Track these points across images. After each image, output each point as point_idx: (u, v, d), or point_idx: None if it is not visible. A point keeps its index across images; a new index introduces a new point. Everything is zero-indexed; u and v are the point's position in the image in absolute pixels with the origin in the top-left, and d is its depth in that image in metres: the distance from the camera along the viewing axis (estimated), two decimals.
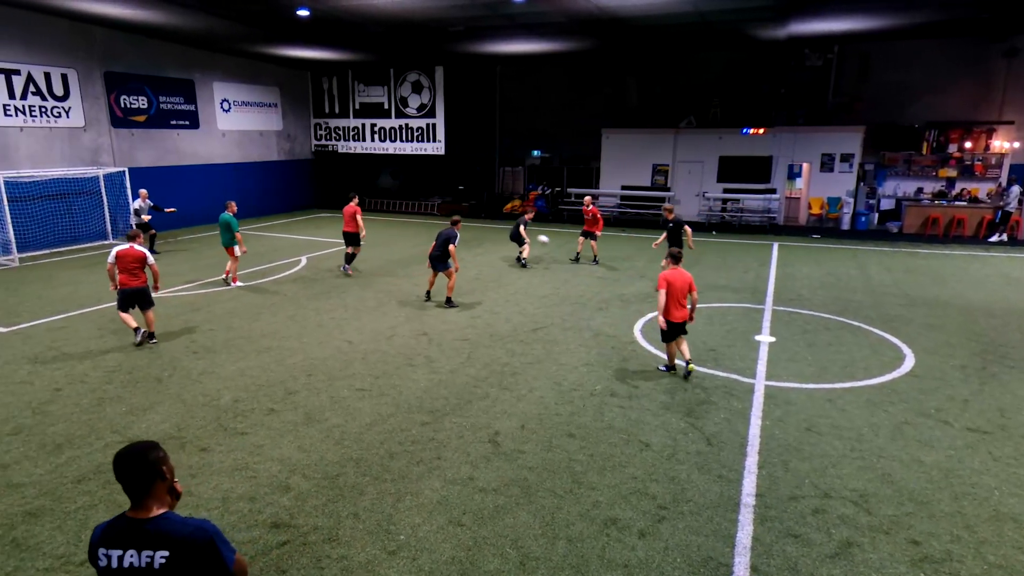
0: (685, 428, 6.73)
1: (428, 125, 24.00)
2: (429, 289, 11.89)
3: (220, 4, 14.87)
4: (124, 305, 9.24)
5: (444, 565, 4.61)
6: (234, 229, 12.69)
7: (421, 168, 26.52)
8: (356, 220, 13.98)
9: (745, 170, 21.35)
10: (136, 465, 2.43)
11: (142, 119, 19.38)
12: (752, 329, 10.12)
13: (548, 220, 22.61)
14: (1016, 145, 19.00)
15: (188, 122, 20.85)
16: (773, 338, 9.67)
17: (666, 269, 7.89)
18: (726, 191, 21.58)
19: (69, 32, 17.12)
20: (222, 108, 22.06)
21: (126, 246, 9.17)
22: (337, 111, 25.65)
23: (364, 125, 25.24)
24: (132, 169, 18.48)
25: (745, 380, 8.03)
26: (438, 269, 11.50)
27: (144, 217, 16.00)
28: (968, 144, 19.46)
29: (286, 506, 5.33)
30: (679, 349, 8.01)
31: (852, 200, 20.51)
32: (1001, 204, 18.48)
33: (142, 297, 9.28)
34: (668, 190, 22.34)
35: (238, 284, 13.01)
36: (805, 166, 20.98)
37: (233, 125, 22.61)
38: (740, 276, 13.93)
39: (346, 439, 6.50)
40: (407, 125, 24.38)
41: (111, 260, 9.12)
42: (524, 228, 14.80)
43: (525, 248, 14.84)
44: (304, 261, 15.63)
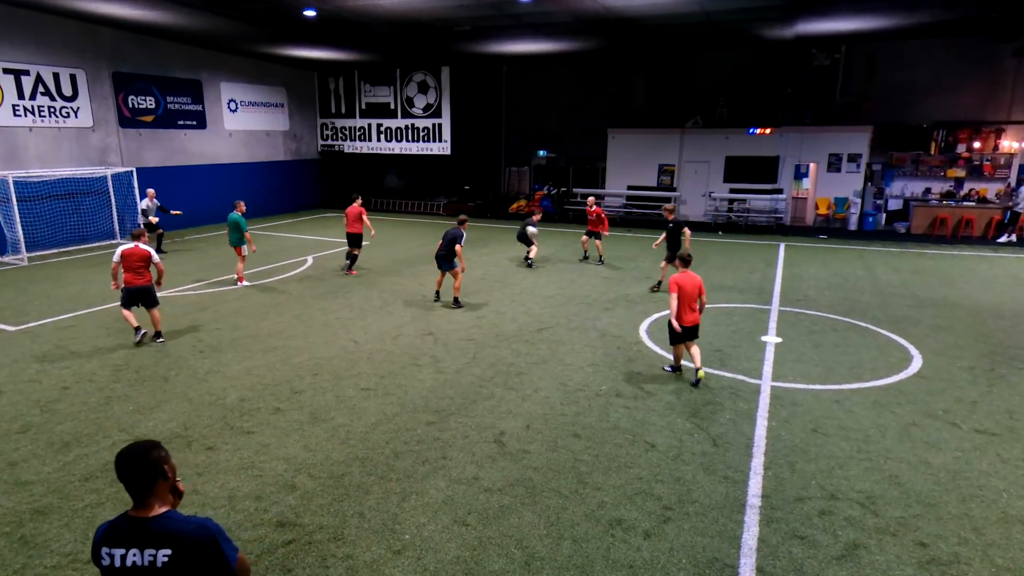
0: (691, 429, 6.71)
1: (434, 125, 24.03)
2: (438, 289, 11.88)
3: (227, 4, 14.94)
4: (128, 303, 9.29)
5: (449, 565, 4.61)
6: (243, 229, 12.75)
7: (427, 168, 26.56)
8: (362, 221, 14.01)
9: (752, 170, 21.29)
10: (137, 464, 2.45)
11: (150, 119, 19.48)
12: (758, 330, 10.09)
13: (554, 220, 22.59)
14: None
15: (195, 122, 20.95)
16: (779, 339, 9.63)
17: (676, 272, 7.87)
18: (732, 191, 21.51)
19: (78, 33, 17.23)
20: (229, 108, 22.15)
21: (131, 245, 9.21)
22: (343, 111, 25.71)
23: (370, 125, 25.29)
24: (140, 169, 18.61)
25: (751, 381, 8.00)
26: (444, 269, 11.48)
27: (152, 219, 16.09)
28: (977, 144, 19.34)
29: (292, 505, 5.34)
30: (690, 355, 7.95)
31: (859, 200, 20.42)
32: (1010, 204, 18.37)
33: (147, 296, 9.33)
34: (674, 190, 22.31)
35: (244, 284, 13.06)
36: (812, 166, 20.91)
37: (240, 125, 22.70)
38: (746, 276, 13.89)
39: (352, 438, 6.51)
40: (413, 125, 24.42)
41: (116, 259, 9.20)
42: (532, 229, 14.81)
43: (532, 249, 14.84)
44: (310, 261, 15.67)
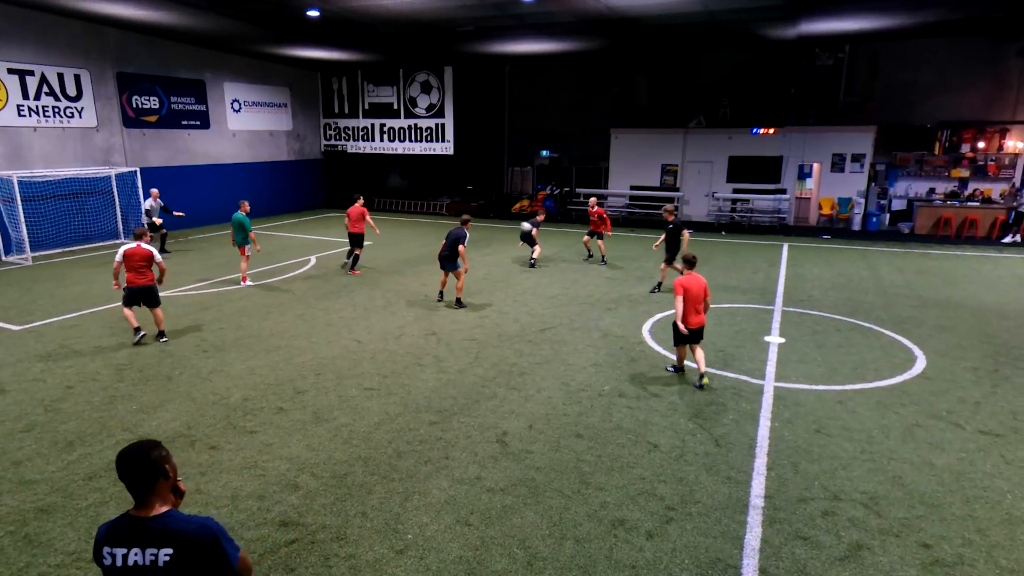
0: (693, 429, 6.71)
1: (437, 125, 24.04)
2: (442, 289, 11.88)
3: (231, 5, 14.98)
4: (129, 302, 9.31)
5: (451, 564, 4.61)
6: (247, 228, 12.79)
7: (430, 168, 26.58)
8: (366, 221, 14.04)
9: (755, 170, 21.26)
10: (138, 464, 2.45)
11: (154, 119, 19.53)
12: (761, 330, 10.07)
13: (557, 220, 22.58)
14: None
15: (199, 122, 21.00)
16: (783, 339, 9.61)
17: (678, 274, 7.85)
18: (736, 191, 21.48)
19: (82, 33, 17.28)
20: (232, 108, 22.19)
21: (133, 244, 9.23)
22: (347, 111, 25.74)
23: (373, 125, 25.31)
24: (144, 169, 18.65)
25: (754, 381, 7.99)
26: (447, 269, 11.48)
27: (156, 220, 16.12)
28: (981, 144, 19.27)
29: (295, 504, 5.35)
30: (695, 358, 7.93)
31: (863, 200, 20.36)
32: (1015, 205, 18.31)
33: (149, 295, 9.35)
34: (677, 190, 22.28)
35: (248, 283, 13.08)
36: (816, 166, 20.86)
37: (243, 125, 22.74)
38: (749, 277, 13.86)
39: (354, 438, 6.52)
40: (416, 125, 24.43)
41: (118, 258, 9.20)
42: (536, 230, 14.81)
43: (536, 249, 14.84)
44: (313, 260, 15.70)
